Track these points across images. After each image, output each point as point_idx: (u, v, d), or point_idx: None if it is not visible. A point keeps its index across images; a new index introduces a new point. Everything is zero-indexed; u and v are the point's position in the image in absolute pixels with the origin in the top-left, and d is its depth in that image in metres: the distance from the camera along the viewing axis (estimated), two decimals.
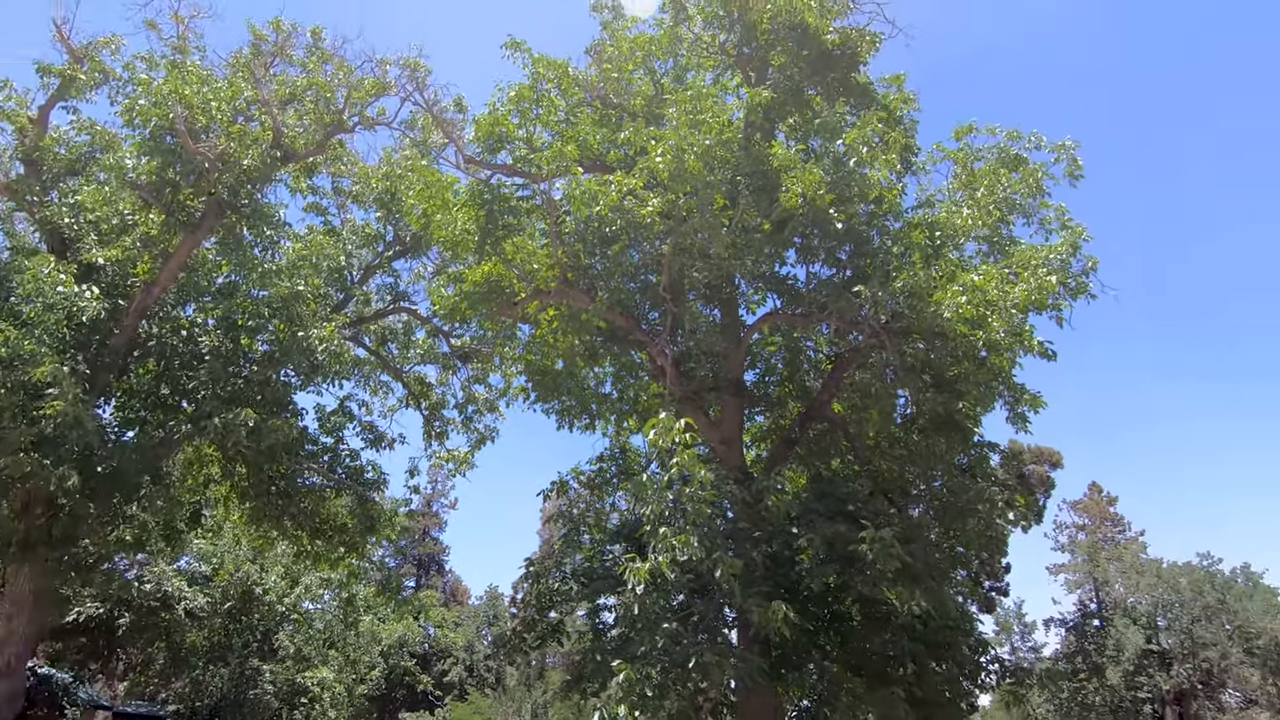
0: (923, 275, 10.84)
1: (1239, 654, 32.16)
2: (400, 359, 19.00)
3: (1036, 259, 11.68)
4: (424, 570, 54.23)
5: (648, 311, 13.68)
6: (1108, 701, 34.47)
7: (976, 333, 10.63)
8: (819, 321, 12.92)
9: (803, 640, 11.33)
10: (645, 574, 7.77)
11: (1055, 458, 37.47)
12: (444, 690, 45.74)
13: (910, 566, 9.56)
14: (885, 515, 11.53)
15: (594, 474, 15.46)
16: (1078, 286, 11.99)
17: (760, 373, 16.45)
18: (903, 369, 11.58)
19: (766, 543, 10.40)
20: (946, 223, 12.51)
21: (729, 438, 13.51)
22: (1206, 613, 33.41)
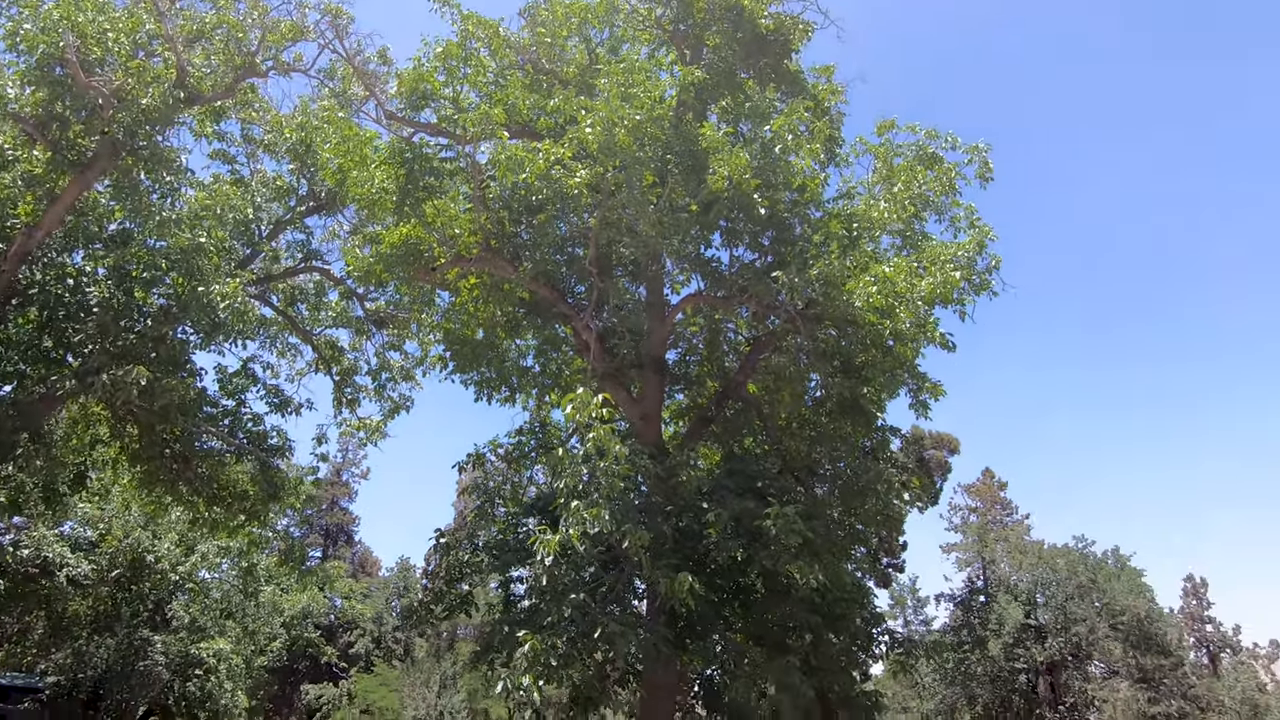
0: (838, 265, 11.21)
1: (1105, 629, 35.25)
2: (310, 321, 18.22)
3: (945, 255, 12.26)
4: (332, 541, 52.72)
5: (573, 285, 13.62)
6: (988, 671, 37.17)
7: (885, 322, 11.11)
8: (739, 304, 13.20)
9: (708, 611, 11.71)
10: (555, 546, 7.83)
11: (953, 444, 39.76)
12: (350, 662, 44.86)
13: (812, 542, 10.00)
14: (792, 493, 12.00)
15: (512, 447, 15.36)
16: (981, 283, 12.67)
17: (682, 352, 16.70)
18: (815, 354, 12.00)
19: (677, 517, 10.65)
20: (864, 215, 12.96)
21: (648, 414, 13.68)
22: (1079, 591, 36.40)
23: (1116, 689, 34.00)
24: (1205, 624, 43.61)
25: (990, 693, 37.53)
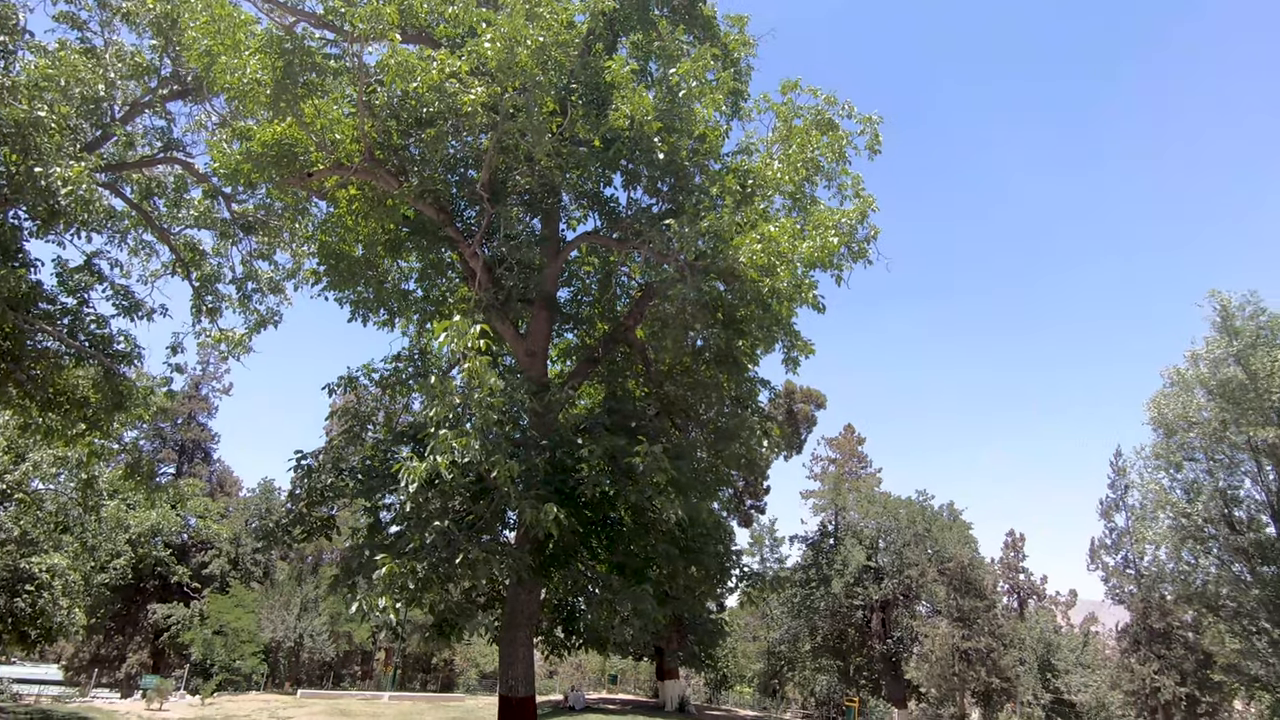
0: (729, 220, 11.47)
1: (933, 573, 39.35)
2: (168, 218, 16.63)
3: (830, 221, 12.80)
4: (187, 457, 49.54)
5: (463, 209, 13.17)
6: (830, 606, 40.81)
7: (765, 280, 11.55)
8: (634, 248, 13.27)
9: (574, 542, 12.13)
10: (421, 473, 7.80)
11: (820, 399, 42.36)
12: (203, 582, 42.99)
13: (677, 479, 10.51)
14: (666, 434, 12.49)
15: (389, 373, 14.92)
16: (859, 251, 13.34)
17: (575, 291, 16.66)
18: (699, 305, 12.34)
19: (551, 451, 10.83)
20: (760, 173, 13.25)
21: (535, 350, 13.65)
22: (915, 539, 40.31)
23: (937, 626, 38.27)
24: (1018, 573, 49.66)
25: (830, 625, 41.34)
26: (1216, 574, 27.44)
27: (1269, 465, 26.25)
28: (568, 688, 40.63)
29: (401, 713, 29.58)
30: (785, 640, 42.94)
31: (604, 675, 50.66)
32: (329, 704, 31.94)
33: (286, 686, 41.18)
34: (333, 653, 44.12)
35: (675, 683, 37.86)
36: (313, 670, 45.89)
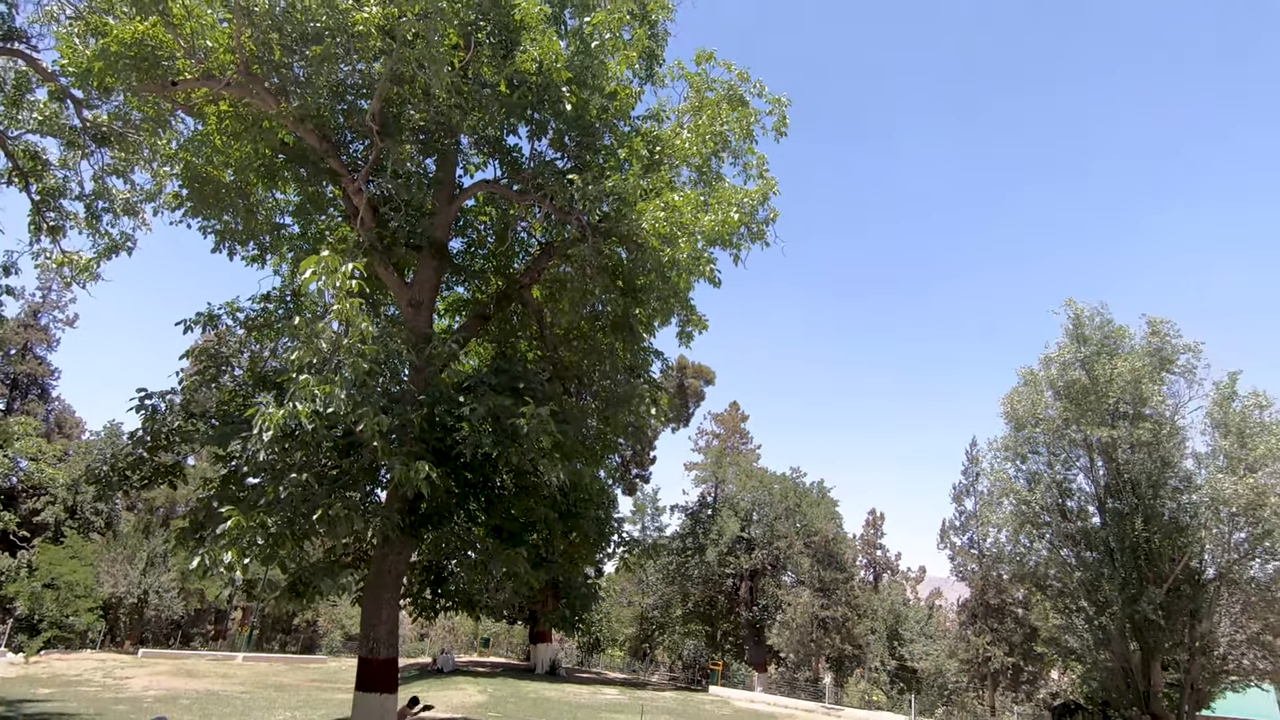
0: (634, 184, 11.21)
1: (800, 545, 41.49)
2: (5, 119, 14.51)
3: (734, 199, 12.81)
4: (20, 392, 44.36)
5: (349, 141, 12.18)
6: (703, 574, 42.31)
7: (666, 250, 11.42)
8: (535, 202, 12.78)
9: (449, 502, 11.70)
10: (278, 421, 7.15)
11: (709, 375, 43.41)
12: (34, 531, 38.89)
13: (562, 444, 10.29)
14: (557, 399, 12.20)
15: (256, 314, 13.73)
16: (758, 232, 13.45)
17: (468, 241, 15.91)
18: (599, 268, 12.06)
19: (430, 408, 10.31)
20: (669, 141, 13.05)
21: (420, 301, 12.94)
22: (786, 512, 42.32)
23: (800, 595, 40.47)
24: (876, 549, 53.23)
25: (702, 592, 42.89)
26: (1047, 557, 30.48)
27: (1100, 461, 29.27)
28: (437, 650, 40.04)
29: (256, 675, 28.09)
30: (658, 606, 44.20)
31: (476, 638, 50.33)
32: (174, 664, 29.87)
33: (127, 645, 38.21)
34: (182, 611, 41.28)
35: (548, 646, 38.11)
36: (160, 629, 42.79)
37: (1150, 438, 27.11)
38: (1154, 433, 27.23)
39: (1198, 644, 27.34)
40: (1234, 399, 27.65)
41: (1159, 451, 27.47)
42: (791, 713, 31.08)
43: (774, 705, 33.22)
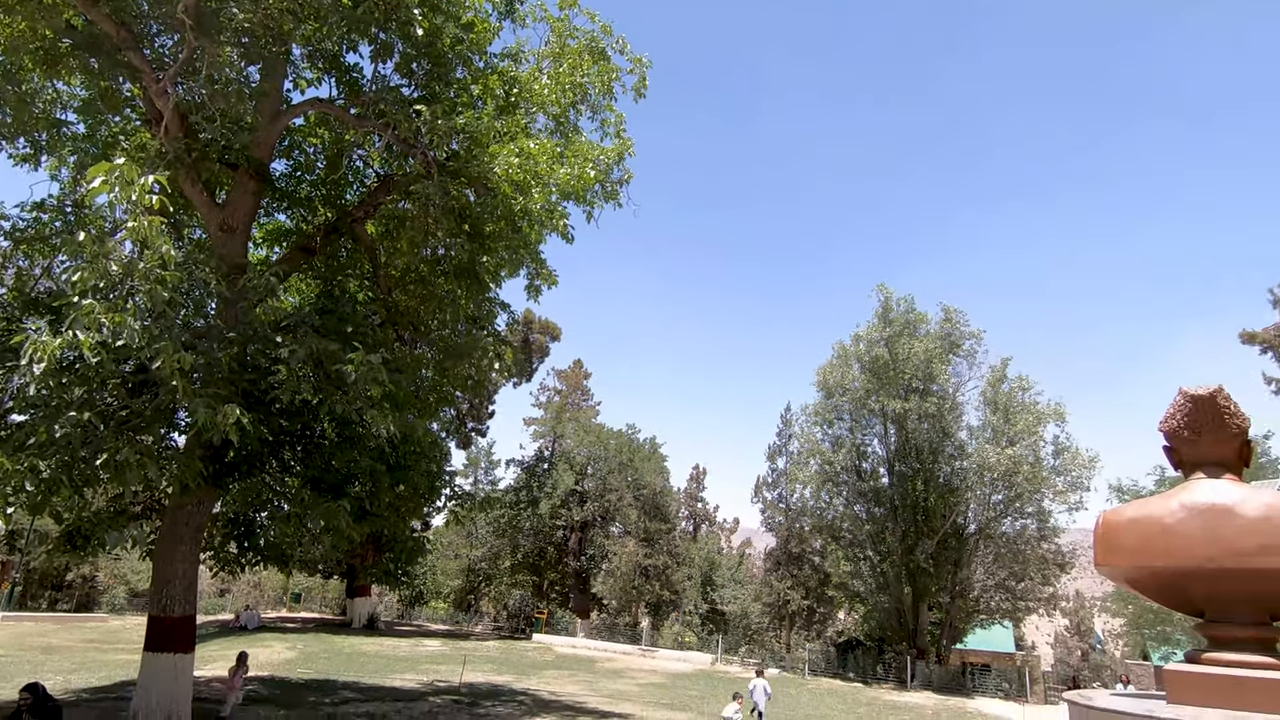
0: (488, 123, 10.70)
1: (630, 499, 43.02)
2: None
3: (590, 154, 12.63)
4: None
5: (155, 33, 10.51)
6: (534, 526, 42.72)
7: (519, 198, 11.07)
8: (376, 130, 11.80)
9: (262, 450, 10.78)
10: (54, 351, 6.12)
11: (556, 331, 43.29)
12: None
13: (394, 394, 9.78)
14: (389, 345, 11.54)
15: (28, 224, 11.61)
16: (612, 191, 13.41)
17: (295, 165, 14.43)
18: (445, 210, 11.44)
19: (242, 346, 9.36)
20: (527, 84, 12.55)
21: (233, 225, 11.60)
22: (619, 467, 43.62)
23: (626, 545, 42.13)
24: (697, 502, 56.41)
25: (531, 544, 43.35)
26: (843, 511, 34.07)
27: (893, 429, 32.96)
28: (241, 607, 37.28)
29: (17, 636, 24.60)
30: (487, 558, 44.09)
31: (287, 594, 47.43)
32: None
33: None
34: None
35: (366, 600, 36.78)
36: None
37: (935, 411, 30.92)
38: (938, 407, 31.09)
39: (957, 588, 32.02)
40: (1004, 381, 32.18)
41: (941, 423, 31.45)
42: (610, 655, 32.57)
43: (594, 649, 34.61)
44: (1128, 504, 4.56)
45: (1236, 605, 4.00)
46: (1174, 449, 4.46)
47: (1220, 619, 4.01)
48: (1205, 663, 3.90)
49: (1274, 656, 3.85)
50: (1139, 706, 3.69)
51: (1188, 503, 4.02)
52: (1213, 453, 4.32)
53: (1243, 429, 4.35)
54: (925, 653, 31.91)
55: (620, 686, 22.03)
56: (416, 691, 17.20)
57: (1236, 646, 3.93)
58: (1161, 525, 4.04)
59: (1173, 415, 4.41)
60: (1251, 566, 3.80)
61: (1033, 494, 30.09)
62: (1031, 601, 34.05)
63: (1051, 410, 30.61)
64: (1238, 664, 3.77)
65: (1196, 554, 3.94)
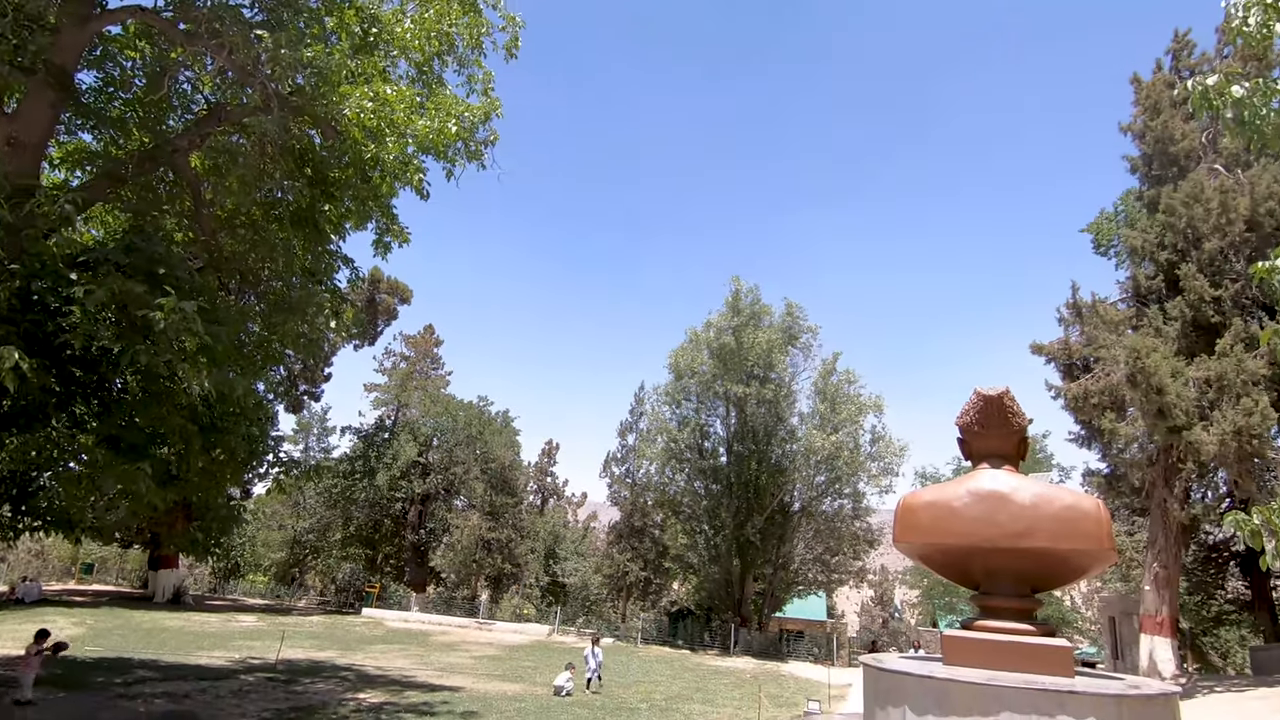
0: (340, 61, 9.88)
1: (477, 472, 42.20)
2: None
3: (454, 109, 12.03)
4: None
5: None
6: (370, 498, 40.74)
7: (371, 145, 10.36)
8: (208, 53, 10.53)
9: (48, 401, 9.42)
10: None
11: (406, 293, 41.21)
12: None
13: (211, 348, 8.86)
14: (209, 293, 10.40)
15: None
16: (476, 151, 12.87)
17: (106, 79, 12.56)
18: (283, 149, 10.45)
19: (26, 280, 8.07)
20: (388, 25, 11.71)
21: (25, 141, 9.96)
22: (467, 439, 42.60)
23: (469, 518, 41.37)
24: (547, 476, 56.43)
25: (366, 516, 41.36)
26: (684, 487, 35.56)
27: (734, 412, 34.74)
28: (17, 578, 32.64)
29: None
30: (315, 529, 41.55)
31: (76, 565, 42.10)
32: None
33: None
34: None
35: (172, 572, 33.53)
36: None
37: (772, 397, 32.95)
38: (775, 393, 33.16)
39: (780, 561, 34.53)
40: (833, 373, 34.83)
41: (776, 409, 33.58)
42: (445, 629, 31.94)
43: (429, 623, 33.79)
44: (926, 488, 5.07)
45: (1005, 579, 4.58)
46: (966, 441, 5.00)
47: (991, 591, 4.58)
48: (976, 629, 4.45)
49: (1030, 623, 4.46)
50: (920, 668, 4.14)
51: (973, 489, 4.54)
52: (997, 446, 4.89)
53: (1023, 427, 4.96)
54: (748, 621, 34.19)
55: (453, 660, 21.70)
56: (225, 669, 15.93)
57: (1002, 615, 4.51)
58: (951, 508, 4.53)
59: (967, 412, 4.96)
60: (1019, 546, 4.35)
61: (850, 477, 33.00)
62: (843, 574, 37.47)
63: (872, 402, 33.59)
64: (1001, 630, 4.33)
65: (977, 534, 4.45)
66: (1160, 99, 23.46)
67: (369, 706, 12.72)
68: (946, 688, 3.84)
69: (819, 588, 39.53)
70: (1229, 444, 17.49)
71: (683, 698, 16.91)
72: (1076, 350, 23.58)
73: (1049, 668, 4.06)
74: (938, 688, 3.87)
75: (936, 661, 4.53)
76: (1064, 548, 4.28)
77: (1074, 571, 4.55)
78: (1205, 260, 20.49)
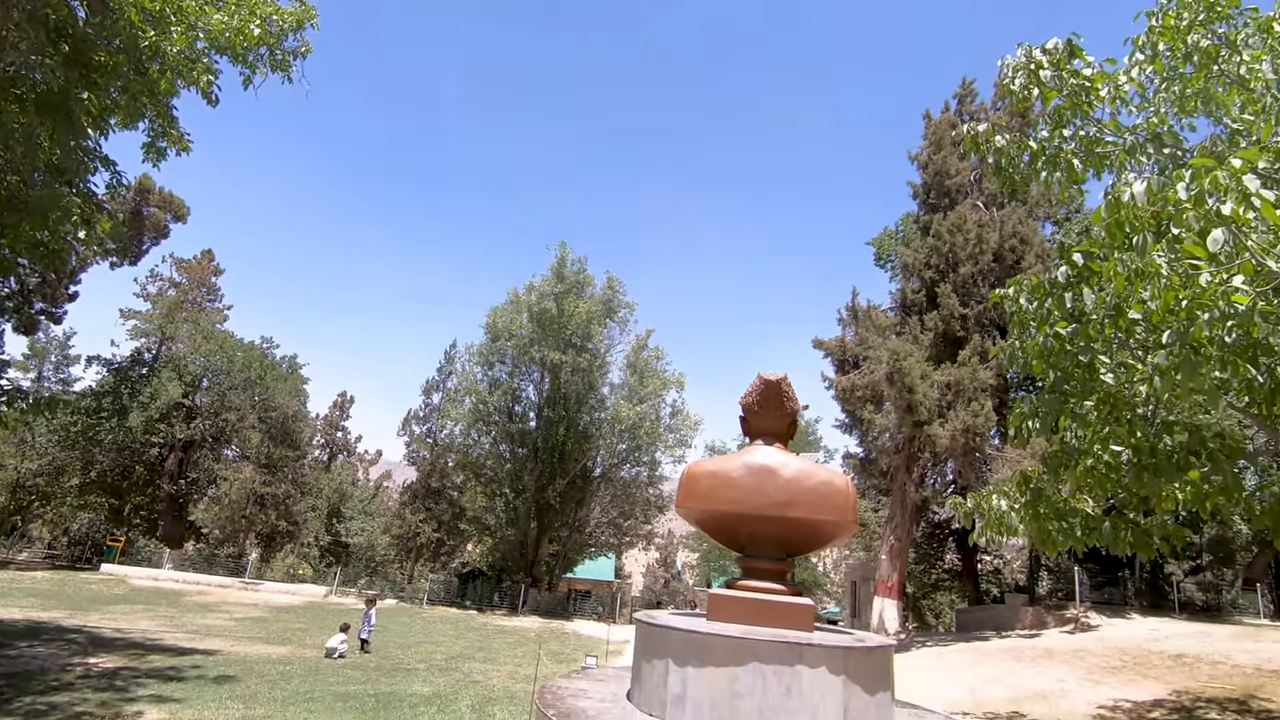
0: None
1: (254, 420, 38.42)
2: None
3: (260, 9, 10.64)
4: None
5: None
6: (119, 440, 35.50)
7: (150, 32, 8.87)
8: None
9: None
10: None
11: (181, 209, 35.88)
12: None
13: None
14: None
15: None
16: (283, 61, 11.51)
17: None
18: (32, 15, 8.59)
19: None
20: None
21: None
22: (245, 383, 38.57)
23: (242, 470, 37.67)
24: (338, 431, 52.90)
25: (113, 460, 36.06)
26: (489, 450, 35.17)
27: (548, 379, 34.88)
28: None
29: None
30: (45, 473, 35.47)
31: None
32: None
33: None
34: None
35: None
36: None
37: (587, 366, 33.55)
38: (590, 363, 33.79)
39: (576, 524, 35.48)
40: (645, 349, 36.19)
41: (590, 378, 34.26)
42: (204, 589, 28.98)
43: (184, 582, 30.44)
44: (709, 459, 5.47)
45: (766, 544, 5.07)
46: (746, 420, 5.45)
47: (753, 555, 5.06)
48: (737, 588, 4.89)
49: (783, 584, 4.99)
50: (686, 623, 4.48)
51: (748, 462, 4.96)
52: (771, 426, 5.37)
53: (795, 410, 5.49)
54: (539, 581, 34.82)
55: (210, 621, 19.79)
56: None
57: (761, 575, 5.00)
58: (728, 478, 4.93)
59: (750, 394, 5.39)
60: (781, 515, 4.83)
61: (649, 446, 34.67)
62: (634, 537, 39.38)
63: (675, 379, 35.44)
64: (758, 589, 4.81)
65: (747, 503, 4.88)
66: (943, 137, 26.83)
67: (101, 672, 11.22)
68: (707, 641, 4.19)
69: (610, 550, 41.22)
70: (958, 439, 20.74)
71: (464, 657, 16.87)
72: (850, 348, 26.55)
73: (794, 623, 4.58)
74: (699, 641, 4.21)
75: (702, 618, 4.93)
76: (818, 518, 4.81)
77: (824, 539, 5.13)
78: (959, 282, 23.93)
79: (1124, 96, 7.57)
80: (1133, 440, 6.30)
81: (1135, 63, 7.51)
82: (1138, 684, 13.91)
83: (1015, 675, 15.03)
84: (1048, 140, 7.71)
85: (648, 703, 4.40)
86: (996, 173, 8.31)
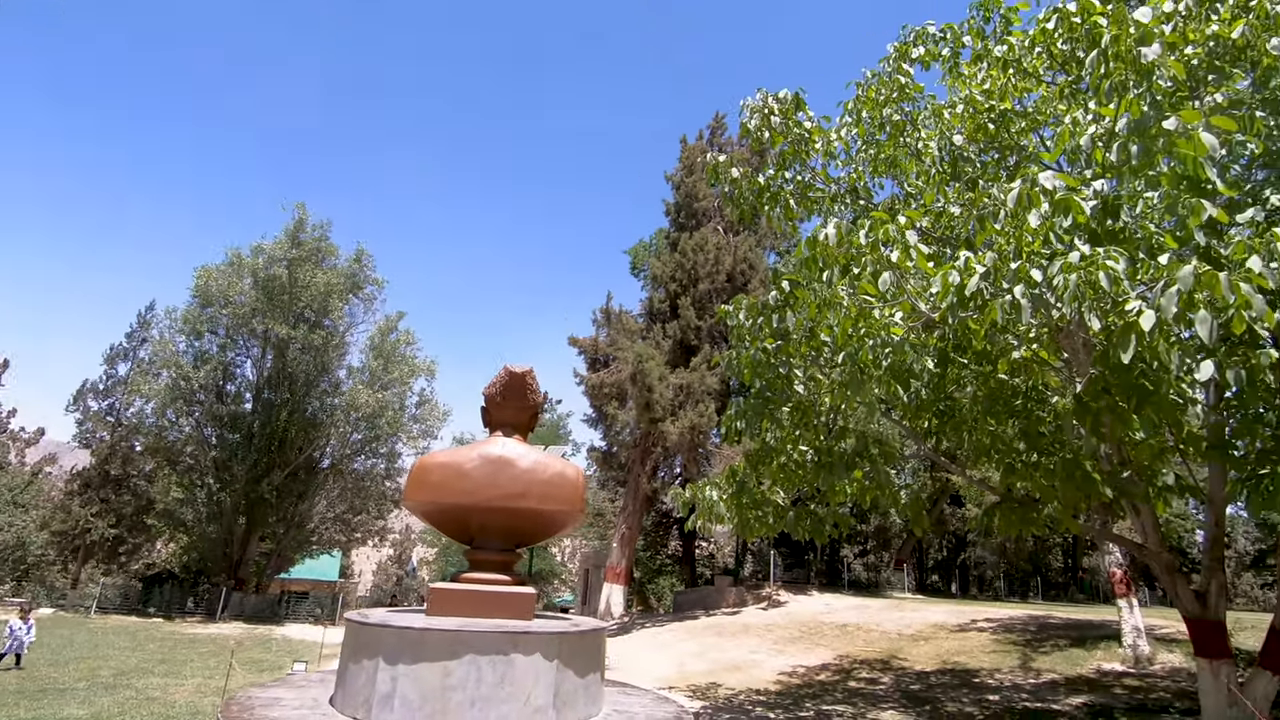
0: None
1: None
2: None
3: None
4: None
5: None
6: None
7: None
8: None
9: None
10: None
11: None
12: None
13: None
14: None
15: None
16: None
17: None
18: None
19: None
20: None
21: None
22: None
23: None
24: None
25: None
26: (190, 433, 30.35)
27: (271, 355, 31.15)
28: None
29: None
30: None
31: None
32: None
33: None
34: None
35: None
36: None
37: (321, 344, 30.65)
38: (325, 341, 30.91)
39: (296, 520, 32.19)
40: (393, 332, 34.09)
41: (323, 358, 31.33)
42: None
43: None
44: (442, 450, 5.33)
45: (495, 535, 5.08)
46: (488, 410, 5.42)
47: (482, 546, 5.04)
48: (461, 581, 4.84)
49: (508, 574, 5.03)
50: (401, 620, 4.32)
51: (484, 453, 4.94)
52: (513, 417, 5.40)
53: (537, 403, 5.58)
54: (245, 583, 31.07)
55: None
56: None
57: (486, 567, 4.99)
58: (461, 469, 4.85)
59: (494, 384, 5.37)
60: (514, 506, 4.87)
61: (390, 436, 32.72)
62: (365, 533, 36.89)
63: (425, 366, 33.93)
64: (481, 581, 4.80)
65: (481, 494, 4.84)
66: (695, 162, 29.14)
67: None
68: (422, 636, 4.08)
69: (336, 547, 38.16)
70: (686, 435, 22.69)
71: (140, 671, 14.46)
72: (602, 348, 27.72)
73: (515, 613, 4.65)
74: (414, 637, 4.08)
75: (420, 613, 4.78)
76: (549, 509, 4.94)
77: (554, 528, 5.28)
78: (698, 296, 26.19)
79: (833, 151, 8.88)
80: (816, 443, 7.43)
81: (844, 124, 8.85)
82: (812, 651, 16.39)
83: (718, 649, 16.84)
84: (772, 179, 8.76)
85: (351, 705, 4.15)
86: (730, 201, 9.26)
